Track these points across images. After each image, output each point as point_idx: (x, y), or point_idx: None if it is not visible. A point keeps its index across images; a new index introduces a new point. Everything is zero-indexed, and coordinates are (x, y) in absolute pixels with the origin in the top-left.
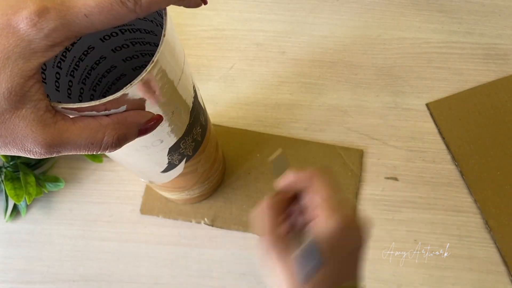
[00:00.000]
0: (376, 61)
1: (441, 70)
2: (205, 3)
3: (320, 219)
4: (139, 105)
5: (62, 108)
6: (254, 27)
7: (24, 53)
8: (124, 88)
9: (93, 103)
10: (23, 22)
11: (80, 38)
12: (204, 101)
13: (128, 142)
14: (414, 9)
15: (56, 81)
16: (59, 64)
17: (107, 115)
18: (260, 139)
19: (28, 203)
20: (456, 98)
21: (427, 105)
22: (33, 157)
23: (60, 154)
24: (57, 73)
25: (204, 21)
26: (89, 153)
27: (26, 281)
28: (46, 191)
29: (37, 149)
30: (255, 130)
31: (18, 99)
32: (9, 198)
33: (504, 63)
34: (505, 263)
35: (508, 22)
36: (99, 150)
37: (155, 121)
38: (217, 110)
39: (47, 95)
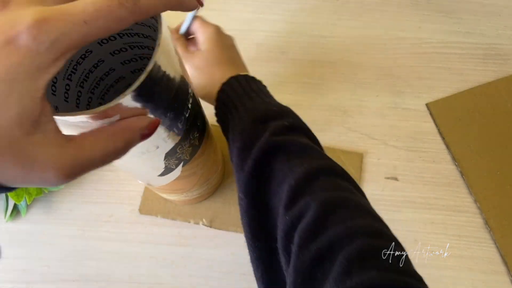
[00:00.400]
0: (376, 61)
1: (441, 70)
2: (202, 4)
3: (201, 28)
4: (137, 111)
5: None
6: (254, 27)
7: (30, 72)
8: (117, 98)
9: (88, 112)
10: (22, 37)
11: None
12: (203, 104)
13: (133, 147)
14: (414, 9)
15: (53, 85)
16: None
17: (110, 124)
18: None
19: (28, 203)
20: (456, 98)
21: (427, 105)
22: (52, 186)
23: (77, 177)
24: (54, 77)
25: None
26: (105, 164)
27: (26, 281)
28: (46, 191)
29: (60, 175)
30: None
31: (31, 124)
32: (9, 198)
33: (504, 63)
34: (505, 263)
35: (508, 22)
36: (114, 159)
37: (155, 124)
38: None
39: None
